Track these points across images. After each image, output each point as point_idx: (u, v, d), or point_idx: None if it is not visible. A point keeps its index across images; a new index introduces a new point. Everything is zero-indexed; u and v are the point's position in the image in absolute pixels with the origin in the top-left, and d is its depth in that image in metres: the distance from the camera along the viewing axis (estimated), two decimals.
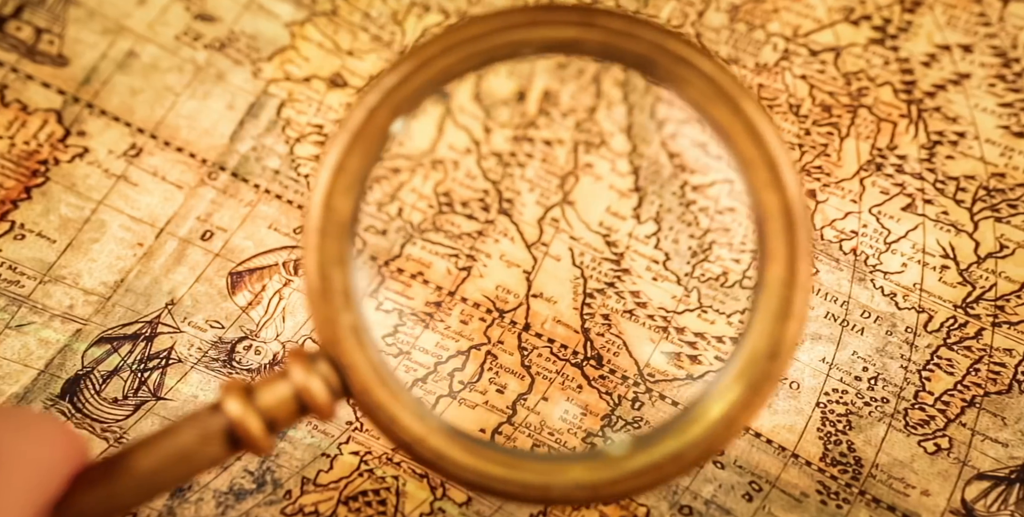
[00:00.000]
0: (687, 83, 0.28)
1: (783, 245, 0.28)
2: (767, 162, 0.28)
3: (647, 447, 0.28)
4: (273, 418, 0.27)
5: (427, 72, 0.28)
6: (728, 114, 0.28)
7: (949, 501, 0.44)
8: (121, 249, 0.48)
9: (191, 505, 0.46)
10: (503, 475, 0.28)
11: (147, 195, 0.48)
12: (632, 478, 0.28)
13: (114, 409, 0.46)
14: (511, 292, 0.47)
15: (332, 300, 0.28)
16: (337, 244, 0.28)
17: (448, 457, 0.28)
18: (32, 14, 0.48)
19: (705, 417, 0.28)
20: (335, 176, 0.28)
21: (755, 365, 0.28)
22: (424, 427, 0.28)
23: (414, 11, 0.50)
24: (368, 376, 0.28)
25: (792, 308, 0.28)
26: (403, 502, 0.46)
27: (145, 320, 0.47)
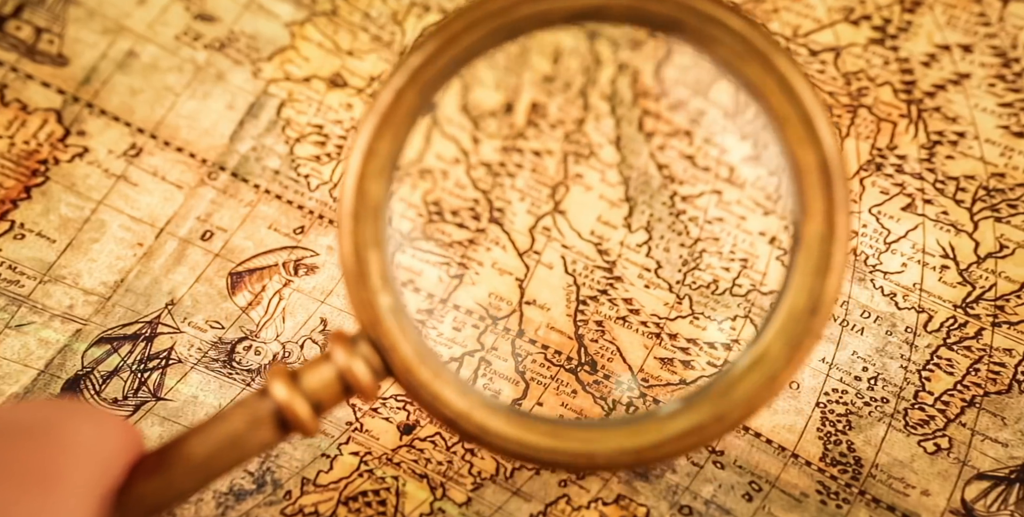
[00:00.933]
0: (717, 42, 0.28)
1: (821, 200, 0.28)
2: (802, 118, 0.28)
3: (688, 409, 0.28)
4: (319, 400, 0.28)
5: (453, 49, 0.28)
6: (760, 71, 0.27)
7: (949, 501, 0.44)
8: (121, 249, 0.48)
9: (191, 505, 0.46)
10: (548, 445, 0.28)
11: (147, 195, 0.48)
12: (675, 440, 0.28)
13: (114, 409, 0.46)
14: (504, 299, 0.47)
15: (369, 282, 0.28)
16: (372, 227, 0.28)
17: (492, 430, 0.28)
18: (32, 13, 0.48)
19: (747, 376, 0.28)
20: (366, 160, 0.28)
21: (796, 321, 0.28)
22: (467, 402, 0.28)
23: (414, 11, 0.50)
24: (409, 356, 0.28)
25: (832, 262, 0.28)
26: (403, 502, 0.46)
27: (145, 320, 0.47)
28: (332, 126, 0.49)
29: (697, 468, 0.46)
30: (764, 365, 0.28)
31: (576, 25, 0.28)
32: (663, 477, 0.46)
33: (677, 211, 0.44)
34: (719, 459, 0.46)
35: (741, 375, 0.28)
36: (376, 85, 0.49)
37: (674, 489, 0.46)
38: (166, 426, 0.47)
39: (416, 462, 0.47)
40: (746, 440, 0.46)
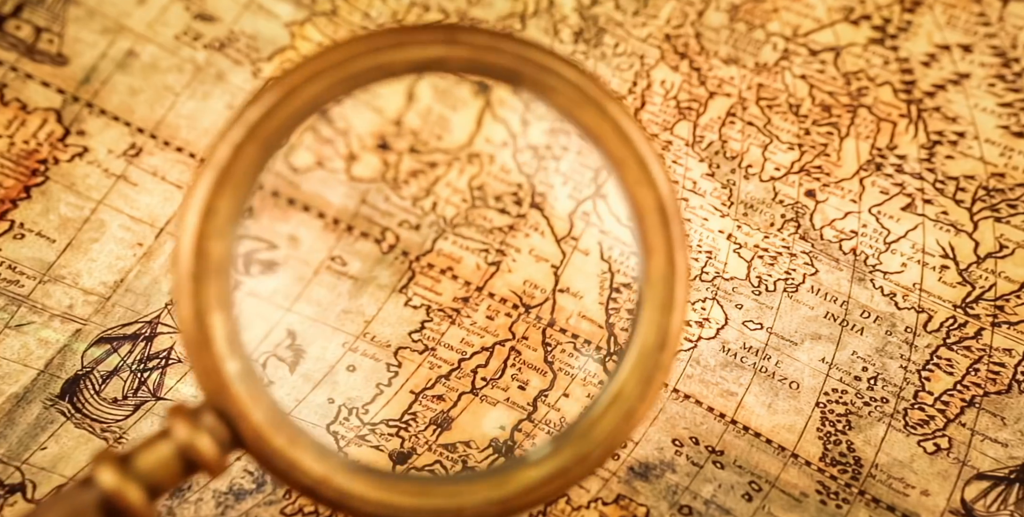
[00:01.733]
0: (554, 91, 0.28)
1: (661, 239, 0.29)
2: (637, 160, 0.29)
3: (551, 454, 0.29)
4: (155, 483, 0.26)
5: (293, 102, 0.27)
6: (596, 118, 0.29)
7: (949, 501, 0.44)
8: (121, 249, 0.48)
9: (191, 505, 0.45)
10: (413, 504, 0.28)
11: (147, 195, 0.48)
12: (541, 486, 0.28)
13: (114, 409, 0.46)
14: (538, 287, 0.48)
15: (214, 348, 0.26)
16: (215, 288, 0.26)
17: (354, 494, 0.27)
18: (31, 13, 0.48)
19: (606, 415, 0.29)
20: (205, 218, 0.26)
21: (647, 357, 0.29)
22: (326, 467, 0.27)
23: (414, 11, 0.50)
24: (261, 423, 0.27)
25: (675, 299, 0.29)
26: None
27: (145, 320, 0.47)
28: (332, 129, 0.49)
29: (697, 468, 0.46)
30: (621, 402, 0.29)
31: (418, 75, 0.29)
32: (663, 477, 0.46)
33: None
34: (719, 459, 0.46)
35: (600, 415, 0.29)
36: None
37: (674, 489, 0.46)
38: None
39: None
40: (746, 440, 0.46)
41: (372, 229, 0.45)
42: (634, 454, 0.47)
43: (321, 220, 0.45)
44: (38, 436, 0.45)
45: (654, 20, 0.49)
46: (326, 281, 0.44)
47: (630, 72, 0.49)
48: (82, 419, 0.46)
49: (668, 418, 0.48)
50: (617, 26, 0.49)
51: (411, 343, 0.46)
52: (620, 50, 0.49)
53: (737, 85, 0.48)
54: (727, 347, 0.48)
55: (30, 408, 0.46)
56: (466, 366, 0.47)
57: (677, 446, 0.47)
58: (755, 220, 0.48)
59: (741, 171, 0.48)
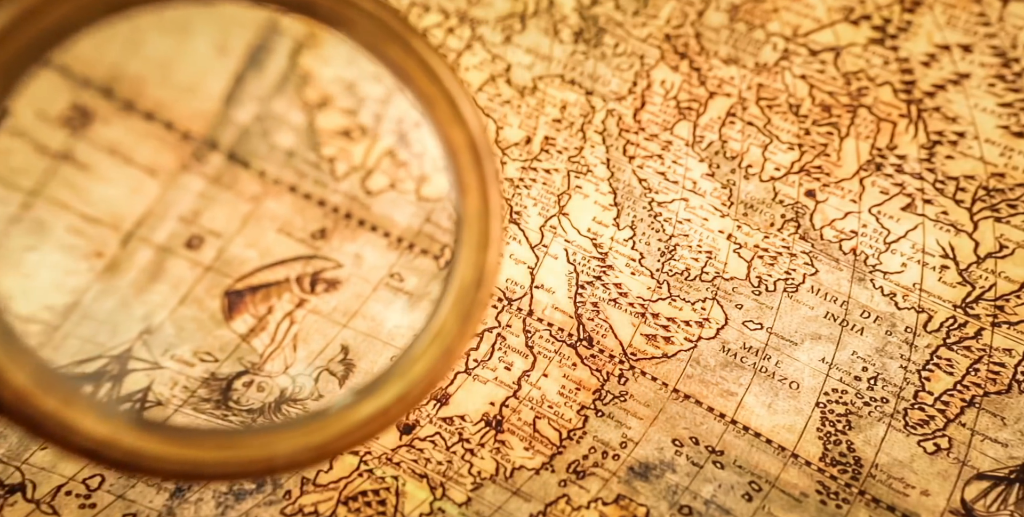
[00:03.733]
0: (354, 24, 0.27)
1: (474, 178, 0.29)
2: (447, 99, 0.28)
3: (369, 395, 0.28)
4: None
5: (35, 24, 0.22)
6: (401, 53, 0.28)
7: (949, 501, 0.44)
8: (71, 261, 0.34)
9: (191, 505, 0.45)
10: (218, 458, 0.26)
11: (104, 184, 0.34)
12: (360, 427, 0.28)
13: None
14: (518, 284, 0.50)
15: None
16: None
17: (147, 453, 0.25)
18: None
19: (426, 352, 0.29)
20: None
21: (465, 294, 0.29)
22: (110, 427, 0.25)
23: (414, 11, 0.50)
24: (24, 385, 0.24)
25: (491, 236, 0.29)
26: (403, 502, 0.46)
27: (112, 355, 0.37)
28: (368, 85, 0.39)
29: (697, 468, 0.46)
30: (440, 339, 0.29)
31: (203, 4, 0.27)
32: (663, 477, 0.46)
33: (655, 213, 0.49)
34: (719, 459, 0.46)
35: (420, 353, 0.29)
36: None
37: (674, 489, 0.46)
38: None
39: (416, 462, 0.47)
40: (746, 440, 0.46)
41: (432, 246, 0.43)
42: (634, 454, 0.47)
43: (386, 239, 0.40)
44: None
45: (654, 20, 0.49)
46: (383, 297, 0.42)
47: (630, 72, 0.49)
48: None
49: (668, 418, 0.48)
50: (617, 26, 0.49)
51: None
52: (620, 50, 0.49)
53: (737, 85, 0.48)
54: (727, 347, 0.48)
55: None
56: None
57: (677, 446, 0.47)
58: (755, 220, 0.48)
59: (741, 171, 0.48)
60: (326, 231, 0.39)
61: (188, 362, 0.39)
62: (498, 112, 0.50)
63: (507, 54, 0.49)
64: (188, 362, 0.39)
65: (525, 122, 0.50)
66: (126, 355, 0.37)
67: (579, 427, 0.48)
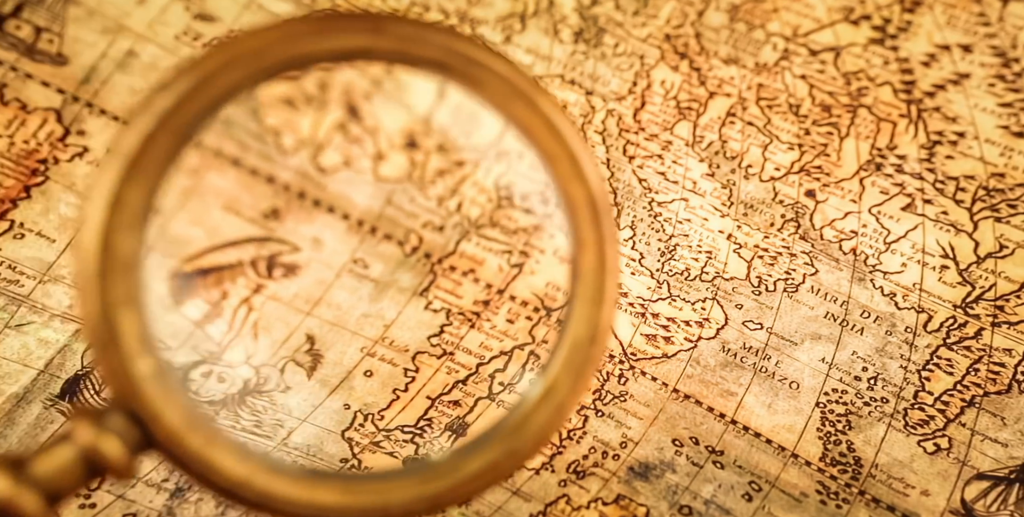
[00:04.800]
0: (483, 84, 0.28)
1: (592, 234, 0.29)
2: (568, 156, 0.28)
3: (480, 449, 0.28)
4: (55, 489, 0.25)
5: (207, 91, 0.25)
6: (526, 112, 0.28)
7: (949, 501, 0.44)
8: None
9: (191, 505, 0.45)
10: (340, 502, 0.27)
11: None
12: (470, 482, 0.28)
13: None
14: (561, 289, 0.48)
15: (122, 347, 0.25)
16: (123, 285, 0.25)
17: (279, 495, 0.26)
18: (31, 13, 0.48)
19: (538, 409, 0.29)
20: (113, 211, 0.25)
21: (578, 351, 0.29)
22: (247, 468, 0.26)
23: (414, 11, 0.50)
24: (176, 424, 0.25)
25: (605, 293, 0.29)
26: None
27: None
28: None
29: (697, 468, 0.46)
30: (552, 397, 0.29)
31: (344, 64, 0.28)
32: (663, 477, 0.46)
33: (654, 213, 0.48)
34: (719, 459, 0.46)
35: (532, 409, 0.29)
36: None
37: (674, 489, 0.46)
38: None
39: None
40: (746, 440, 0.46)
41: (396, 231, 0.42)
42: (634, 454, 0.47)
43: (345, 222, 0.41)
44: (38, 436, 0.45)
45: (654, 20, 0.49)
46: (347, 284, 0.42)
47: (630, 72, 0.49)
48: None
49: (668, 418, 0.48)
50: (617, 26, 0.49)
51: (429, 347, 0.45)
52: (620, 50, 0.49)
53: (737, 85, 0.48)
54: (727, 347, 0.48)
55: (30, 408, 0.46)
56: (483, 371, 0.46)
57: (677, 446, 0.47)
58: (755, 220, 0.48)
59: (741, 171, 0.48)
60: (279, 211, 0.39)
61: None
62: None
63: (507, 54, 0.49)
64: None
65: None
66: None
67: (579, 427, 0.48)
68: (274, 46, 0.26)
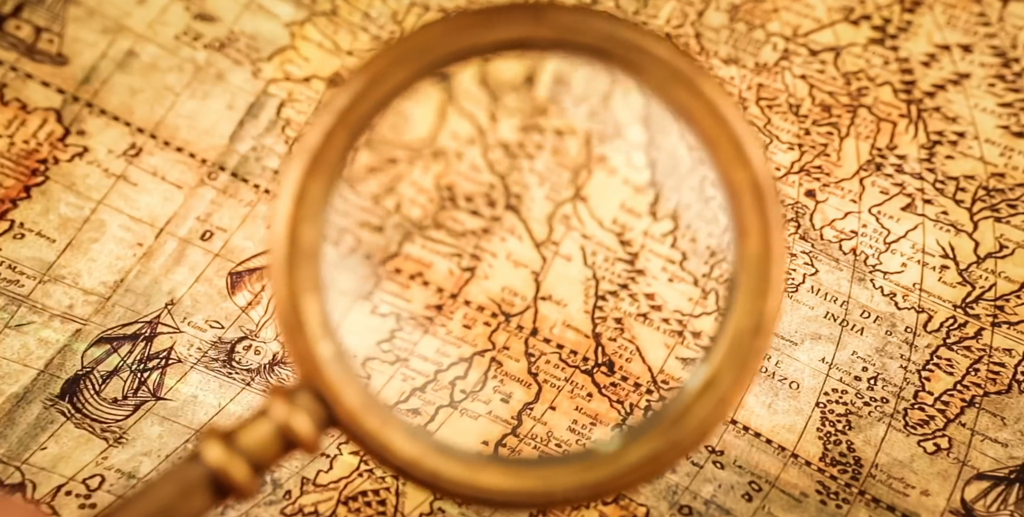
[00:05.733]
0: (644, 70, 0.28)
1: (756, 220, 0.28)
2: (731, 140, 0.28)
3: (641, 438, 0.28)
4: (258, 459, 0.27)
5: (380, 88, 0.27)
6: (688, 96, 0.28)
7: (949, 501, 0.44)
8: (121, 249, 0.48)
9: None
10: (504, 486, 0.28)
11: (147, 195, 0.48)
12: (632, 471, 0.28)
13: (114, 409, 0.46)
14: (518, 294, 0.45)
15: (307, 331, 0.27)
16: (308, 272, 0.27)
17: (446, 475, 0.28)
18: (31, 13, 0.48)
19: (698, 401, 0.28)
20: (297, 204, 0.27)
21: (741, 343, 0.28)
22: (417, 448, 0.28)
23: (414, 11, 0.50)
24: (354, 405, 0.27)
25: (771, 282, 0.28)
26: (403, 502, 0.46)
27: (145, 320, 0.47)
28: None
29: (697, 468, 0.46)
30: (714, 389, 0.28)
31: (504, 55, 0.28)
32: (663, 477, 0.46)
33: (707, 197, 0.41)
34: (719, 459, 0.46)
35: (693, 401, 0.28)
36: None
37: (674, 489, 0.46)
38: (166, 425, 0.47)
39: None
40: (746, 440, 0.46)
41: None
42: None
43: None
44: (38, 436, 0.45)
45: (654, 20, 0.49)
46: None
47: None
48: (82, 419, 0.46)
49: None
50: None
51: (381, 353, 0.44)
52: None
53: (737, 85, 0.48)
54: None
55: (30, 408, 0.46)
56: (443, 378, 0.44)
57: None
58: None
59: None
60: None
61: (201, 328, 0.47)
62: None
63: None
64: (201, 328, 0.47)
65: None
66: (156, 321, 0.47)
67: None
68: (439, 41, 0.27)
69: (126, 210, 0.48)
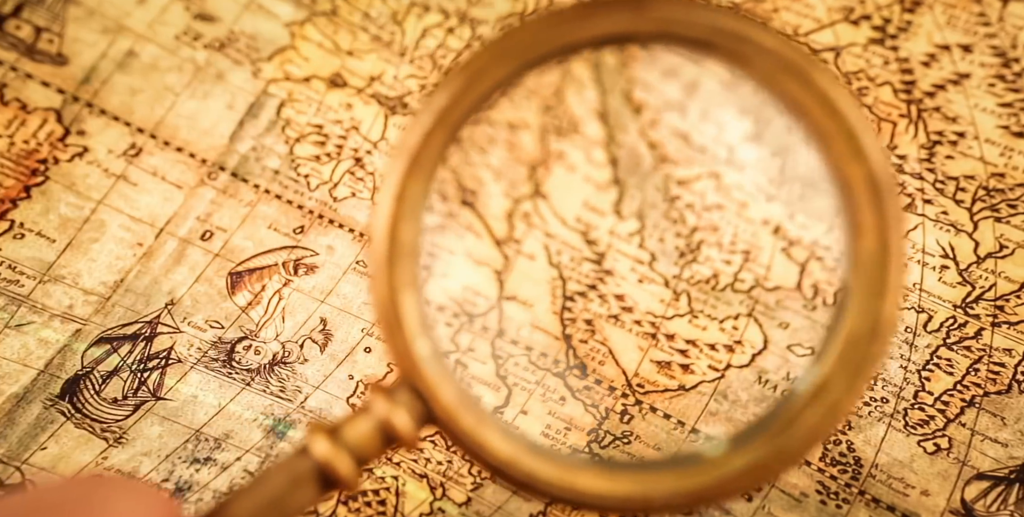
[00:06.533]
0: (751, 61, 0.27)
1: (872, 217, 0.27)
2: (846, 133, 0.27)
3: (746, 445, 0.27)
4: (361, 454, 0.27)
5: (479, 87, 0.27)
6: (799, 88, 0.27)
7: (949, 501, 0.44)
8: (121, 249, 0.48)
9: (191, 505, 0.45)
10: (600, 490, 0.27)
11: (147, 195, 0.48)
12: (735, 479, 0.27)
13: (114, 409, 0.46)
14: (480, 294, 0.44)
15: (406, 328, 0.27)
16: (406, 269, 0.27)
17: (541, 477, 0.27)
18: (31, 13, 0.48)
19: (808, 408, 0.27)
20: (398, 203, 0.27)
21: (856, 347, 0.27)
22: (512, 448, 0.27)
23: (414, 11, 0.50)
24: (451, 402, 0.27)
25: (888, 283, 0.27)
26: (403, 502, 0.46)
27: (145, 320, 0.47)
28: (332, 126, 0.49)
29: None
30: (825, 395, 0.27)
31: (606, 50, 0.28)
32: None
33: (671, 196, 0.40)
34: None
35: (802, 407, 0.27)
36: (376, 84, 0.49)
37: None
38: (166, 425, 0.47)
39: (416, 462, 0.47)
40: None
41: None
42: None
43: (351, 234, 0.48)
44: (38, 436, 0.45)
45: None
46: (351, 279, 0.48)
47: None
48: (82, 419, 0.46)
49: None
50: None
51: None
52: None
53: None
54: (765, 378, 0.43)
55: (30, 408, 0.46)
56: None
57: None
58: (816, 205, 0.40)
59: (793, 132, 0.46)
60: (304, 228, 0.48)
61: (201, 328, 0.48)
62: None
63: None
64: (201, 328, 0.48)
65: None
66: (156, 321, 0.47)
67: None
68: (539, 38, 0.27)
69: (126, 210, 0.48)
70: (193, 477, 0.46)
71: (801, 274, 0.40)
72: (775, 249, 0.41)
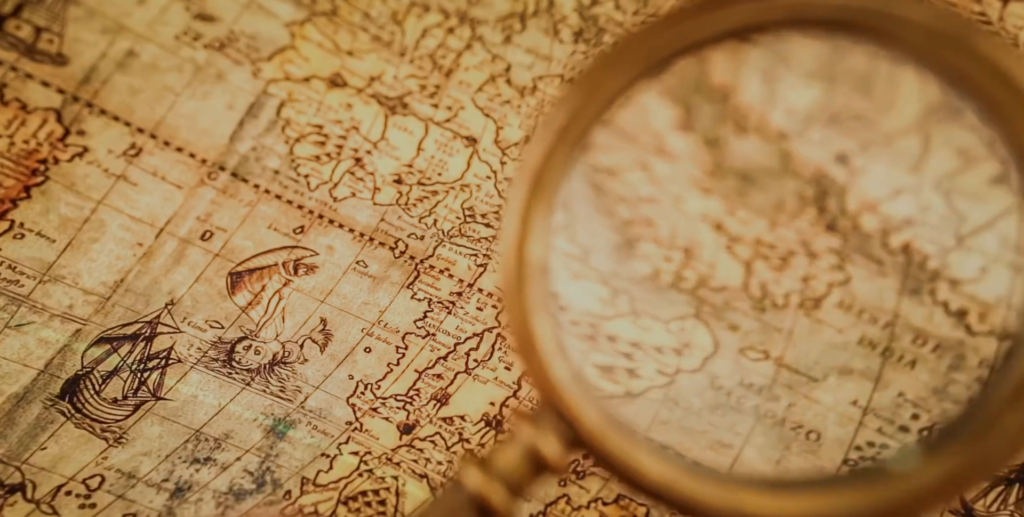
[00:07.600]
0: (900, 38, 0.24)
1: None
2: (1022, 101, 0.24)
3: (940, 454, 0.24)
4: (512, 482, 0.27)
5: (598, 100, 0.26)
6: (961, 58, 0.24)
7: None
8: (121, 249, 0.48)
9: (191, 505, 0.45)
10: (773, 511, 0.25)
11: (147, 195, 0.48)
12: (930, 493, 0.24)
13: (114, 409, 0.46)
14: None
15: (541, 351, 0.26)
16: (538, 289, 0.27)
17: (706, 501, 0.25)
18: (31, 13, 0.48)
19: (1009, 409, 0.24)
20: (523, 224, 0.27)
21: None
22: (669, 469, 0.26)
23: (414, 11, 0.50)
24: (595, 424, 0.26)
25: None
26: (403, 502, 0.46)
27: (145, 320, 0.47)
28: (332, 126, 0.49)
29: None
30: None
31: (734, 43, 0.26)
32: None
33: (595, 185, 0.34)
34: None
35: (1002, 409, 0.24)
36: (376, 84, 0.50)
37: None
38: (166, 425, 0.47)
39: (416, 462, 0.47)
40: None
41: (388, 240, 0.50)
42: None
43: (351, 234, 0.50)
44: (38, 436, 0.45)
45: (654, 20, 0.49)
46: (352, 279, 0.50)
47: None
48: (82, 419, 0.46)
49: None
50: (617, 26, 0.49)
51: (415, 329, 0.51)
52: None
53: None
54: (718, 383, 0.39)
55: (30, 408, 0.46)
56: (460, 349, 0.51)
57: None
58: (757, 200, 0.33)
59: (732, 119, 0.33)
60: (304, 227, 0.49)
61: (201, 328, 0.48)
62: (498, 112, 0.50)
63: (507, 54, 0.49)
64: (201, 328, 0.48)
65: (525, 122, 0.50)
66: (156, 321, 0.48)
67: None
68: (656, 43, 0.26)
69: (126, 210, 0.48)
70: (193, 477, 0.46)
71: (747, 273, 0.35)
72: (718, 246, 0.34)
